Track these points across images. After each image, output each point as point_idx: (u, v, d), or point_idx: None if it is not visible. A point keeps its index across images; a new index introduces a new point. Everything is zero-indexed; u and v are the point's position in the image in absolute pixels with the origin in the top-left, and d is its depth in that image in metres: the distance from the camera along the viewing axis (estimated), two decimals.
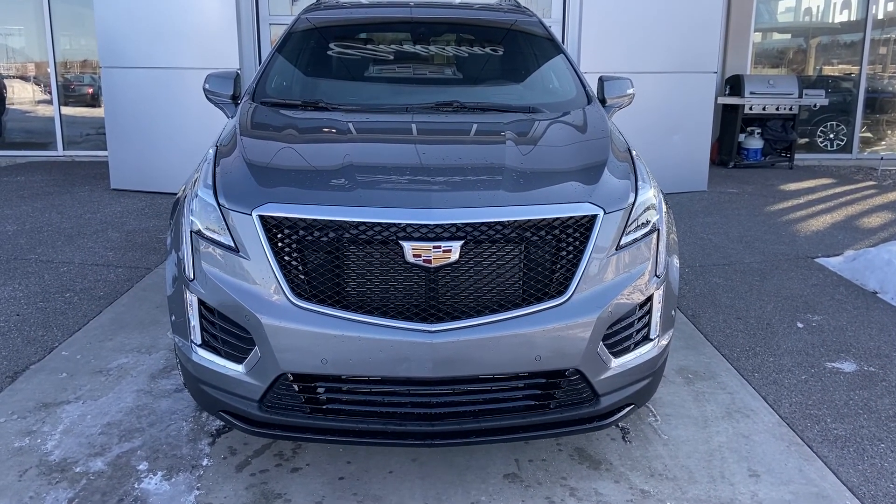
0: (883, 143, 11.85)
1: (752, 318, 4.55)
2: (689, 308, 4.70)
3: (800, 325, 4.44)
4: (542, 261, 2.54)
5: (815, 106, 10.92)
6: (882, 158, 10.79)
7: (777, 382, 3.67)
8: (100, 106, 10.33)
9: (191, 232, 2.70)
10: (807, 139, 11.48)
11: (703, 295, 4.97)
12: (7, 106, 11.31)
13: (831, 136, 11.48)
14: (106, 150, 8.58)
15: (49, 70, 10.72)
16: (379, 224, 2.44)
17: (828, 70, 11.83)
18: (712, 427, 3.22)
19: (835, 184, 9.41)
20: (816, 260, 5.81)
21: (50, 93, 10.84)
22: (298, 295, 2.47)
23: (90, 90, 11.31)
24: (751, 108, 10.25)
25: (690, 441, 3.10)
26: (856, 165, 11.00)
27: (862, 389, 3.61)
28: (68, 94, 11.12)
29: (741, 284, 5.20)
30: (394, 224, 2.44)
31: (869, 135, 11.78)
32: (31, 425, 3.16)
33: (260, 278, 2.50)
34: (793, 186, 9.14)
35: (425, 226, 2.43)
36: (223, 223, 2.60)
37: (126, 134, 8.23)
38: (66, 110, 10.98)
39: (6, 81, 11.31)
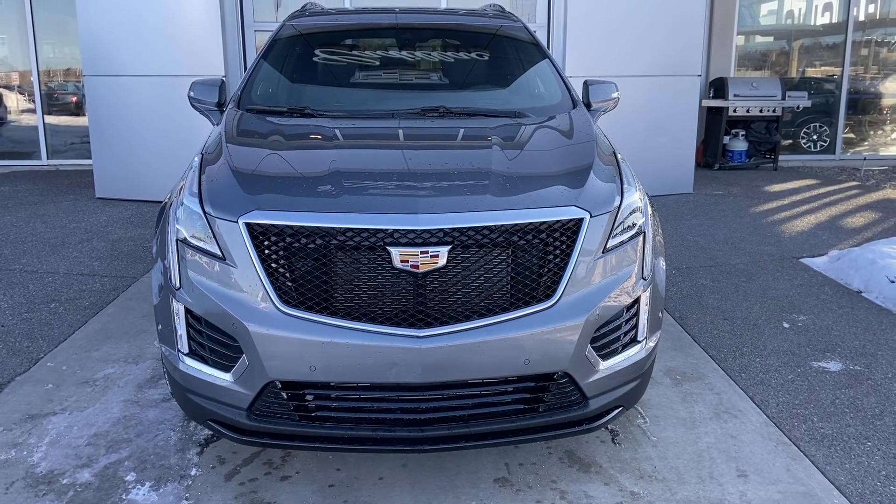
0: (866, 143, 11.98)
1: (738, 318, 4.58)
2: (677, 310, 4.73)
3: (786, 325, 4.48)
4: (529, 265, 2.54)
5: (798, 108, 11.04)
6: (865, 159, 10.92)
7: (764, 382, 3.69)
8: (84, 114, 10.27)
9: (177, 240, 2.69)
10: (790, 140, 11.59)
11: (690, 296, 5.00)
12: None
13: (815, 137, 11.59)
14: (90, 158, 8.54)
15: (32, 79, 10.65)
16: (366, 230, 2.44)
17: (810, 72, 11.95)
18: (700, 428, 3.23)
19: (819, 184, 9.50)
20: (801, 260, 5.86)
21: (33, 102, 10.77)
22: (286, 302, 2.46)
23: (74, 98, 11.26)
24: (735, 111, 10.34)
25: (679, 442, 3.11)
26: (839, 166, 11.11)
27: (848, 388, 3.64)
28: (52, 102, 11.06)
29: (728, 285, 5.23)
30: (381, 230, 2.44)
31: (852, 135, 11.91)
32: (17, 437, 3.13)
33: (247, 286, 2.49)
34: (777, 187, 9.22)
35: (413, 231, 2.43)
36: (209, 231, 2.59)
37: (110, 142, 8.19)
38: (50, 119, 10.92)
39: None
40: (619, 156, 3.16)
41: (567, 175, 2.82)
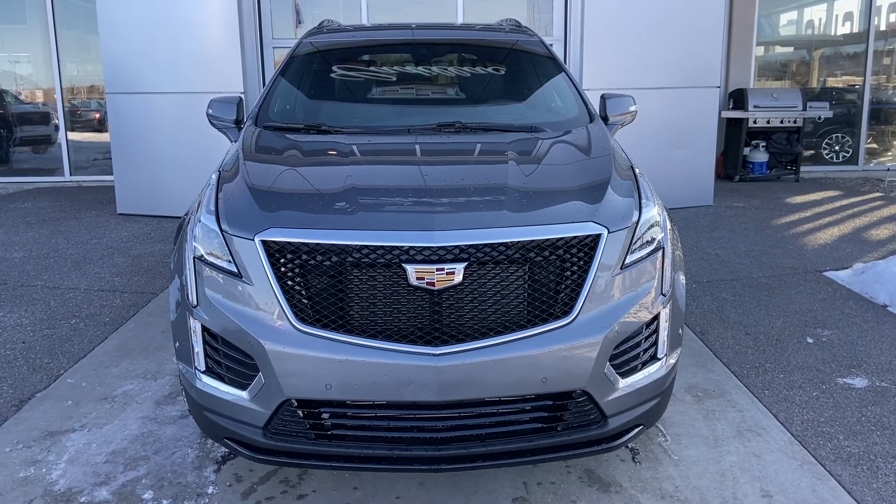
0: (889, 153, 11.81)
1: (761, 333, 4.51)
2: (698, 324, 4.66)
3: (810, 340, 4.40)
4: (546, 281, 2.52)
5: (819, 118, 10.91)
6: (888, 169, 10.75)
7: (788, 399, 3.62)
8: (106, 131, 10.40)
9: (194, 258, 2.70)
10: (812, 151, 11.46)
11: (711, 311, 4.93)
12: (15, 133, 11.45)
13: (837, 147, 11.45)
14: (112, 174, 8.64)
15: (56, 96, 10.82)
16: (382, 247, 2.43)
17: (831, 82, 11.83)
18: (723, 446, 3.17)
19: (841, 196, 9.37)
20: (825, 273, 5.76)
21: (57, 119, 10.94)
22: (302, 320, 2.45)
23: (97, 115, 11.41)
24: (755, 122, 10.24)
25: (701, 461, 3.06)
26: (862, 177, 10.96)
27: (874, 405, 3.56)
28: (75, 119, 11.22)
29: (749, 300, 5.16)
30: (397, 247, 2.43)
31: (875, 146, 11.75)
32: (36, 454, 3.15)
33: (263, 303, 2.49)
34: (799, 199, 9.10)
35: (428, 248, 2.42)
36: (226, 248, 2.59)
37: (132, 158, 8.29)
38: (73, 136, 11.08)
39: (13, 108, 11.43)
40: (636, 170, 3.13)
41: (584, 190, 2.80)
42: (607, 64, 8.17)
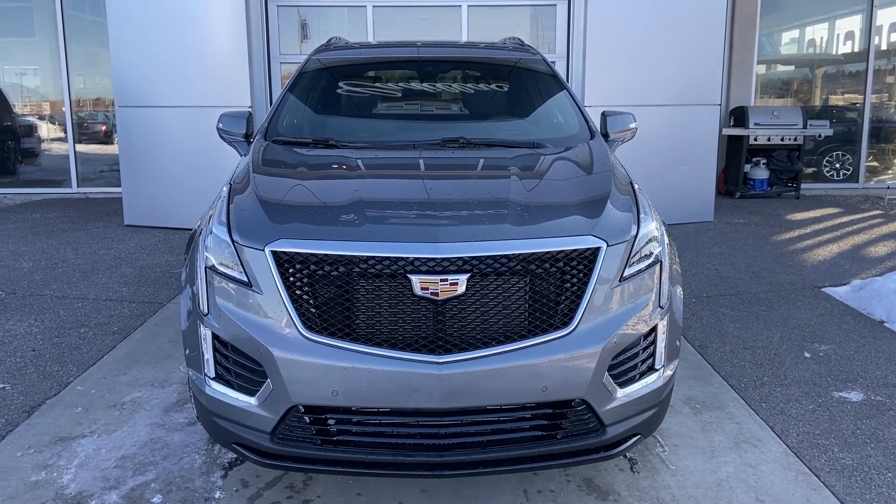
0: (889, 172, 11.89)
1: (759, 347, 4.57)
2: (697, 338, 4.73)
3: (807, 354, 4.46)
4: (547, 293, 2.59)
5: (819, 136, 11.00)
6: (889, 187, 10.82)
7: (784, 412, 3.68)
8: (113, 143, 10.52)
9: (205, 267, 2.78)
10: (813, 169, 11.54)
11: (710, 325, 5.00)
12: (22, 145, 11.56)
13: (837, 165, 11.54)
14: (119, 186, 8.75)
15: (64, 108, 10.95)
16: (388, 258, 2.51)
17: (832, 100, 11.92)
18: (720, 457, 3.23)
19: (841, 213, 9.44)
20: (823, 289, 5.83)
21: (65, 131, 11.06)
22: (310, 328, 2.53)
23: (104, 128, 11.53)
24: (756, 139, 10.34)
25: (698, 471, 3.12)
26: (862, 195, 11.04)
27: (869, 419, 3.62)
28: (82, 131, 11.33)
29: (748, 314, 5.22)
30: (402, 258, 2.51)
31: (875, 164, 11.83)
32: (47, 459, 3.22)
33: (272, 312, 2.56)
34: (799, 216, 9.18)
35: (433, 259, 2.50)
36: (237, 259, 2.67)
37: (140, 171, 8.40)
38: (81, 148, 11.19)
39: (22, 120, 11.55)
40: (636, 186, 3.21)
41: (584, 205, 2.88)
42: (609, 81, 8.28)
